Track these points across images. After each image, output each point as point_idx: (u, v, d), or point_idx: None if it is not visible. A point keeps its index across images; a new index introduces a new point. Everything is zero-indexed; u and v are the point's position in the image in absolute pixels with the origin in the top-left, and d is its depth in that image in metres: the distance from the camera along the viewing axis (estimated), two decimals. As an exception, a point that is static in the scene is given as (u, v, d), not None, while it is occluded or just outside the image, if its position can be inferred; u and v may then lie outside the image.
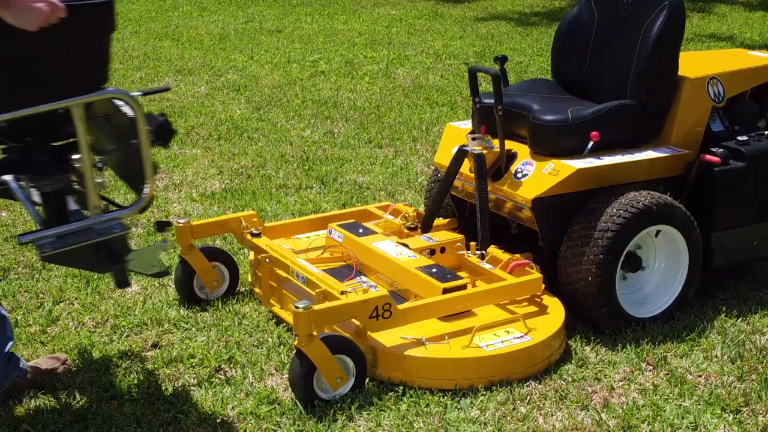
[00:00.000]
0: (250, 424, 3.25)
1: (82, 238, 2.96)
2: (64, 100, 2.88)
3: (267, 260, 3.99)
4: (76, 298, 4.20)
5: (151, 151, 3.01)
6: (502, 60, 4.53)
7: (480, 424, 3.26)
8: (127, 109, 3.05)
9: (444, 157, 4.35)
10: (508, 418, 3.30)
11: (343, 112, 7.38)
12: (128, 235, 3.11)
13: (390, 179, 5.82)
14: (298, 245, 4.32)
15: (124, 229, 3.04)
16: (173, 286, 4.21)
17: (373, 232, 4.24)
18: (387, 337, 3.51)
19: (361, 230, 4.25)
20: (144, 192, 3.03)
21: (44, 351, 3.72)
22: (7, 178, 3.22)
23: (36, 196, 3.20)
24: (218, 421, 3.27)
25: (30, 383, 3.47)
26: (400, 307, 3.52)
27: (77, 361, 3.66)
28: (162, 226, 3.24)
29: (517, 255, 3.97)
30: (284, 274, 3.99)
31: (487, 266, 3.93)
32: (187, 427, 3.23)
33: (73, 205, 3.20)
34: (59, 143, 3.13)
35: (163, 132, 3.09)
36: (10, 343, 3.39)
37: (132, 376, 3.56)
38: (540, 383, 3.51)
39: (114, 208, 3.12)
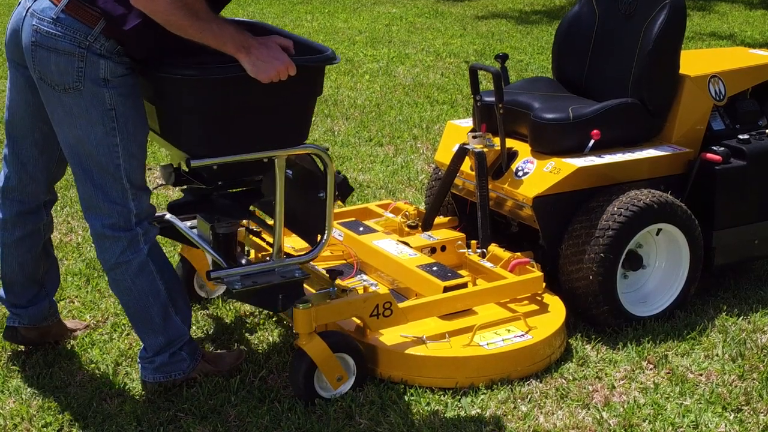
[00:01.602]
0: (250, 423, 3.25)
1: (266, 279, 3.25)
2: (274, 151, 3.16)
3: (268, 258, 3.98)
4: (77, 296, 4.20)
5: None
6: (502, 58, 4.53)
7: (481, 422, 3.26)
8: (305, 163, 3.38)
9: (444, 155, 4.34)
10: (509, 417, 3.30)
11: (344, 111, 7.37)
12: (305, 281, 3.38)
13: (390, 177, 5.81)
14: (299, 243, 4.31)
15: (304, 274, 3.30)
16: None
17: (373, 231, 4.23)
18: (387, 336, 3.51)
19: (361, 228, 4.24)
20: (322, 240, 3.31)
21: (44, 347, 3.71)
22: (169, 216, 3.59)
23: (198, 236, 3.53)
24: (218, 419, 3.26)
25: (56, 335, 3.73)
26: (401, 305, 3.52)
27: (77, 360, 3.65)
28: (334, 275, 3.48)
29: (518, 253, 3.96)
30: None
31: (488, 265, 3.93)
32: (187, 425, 3.23)
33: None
34: (237, 190, 3.45)
35: (344, 189, 3.44)
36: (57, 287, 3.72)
37: (132, 374, 3.55)
38: (541, 382, 3.51)
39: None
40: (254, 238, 3.91)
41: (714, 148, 4.10)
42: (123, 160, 3.12)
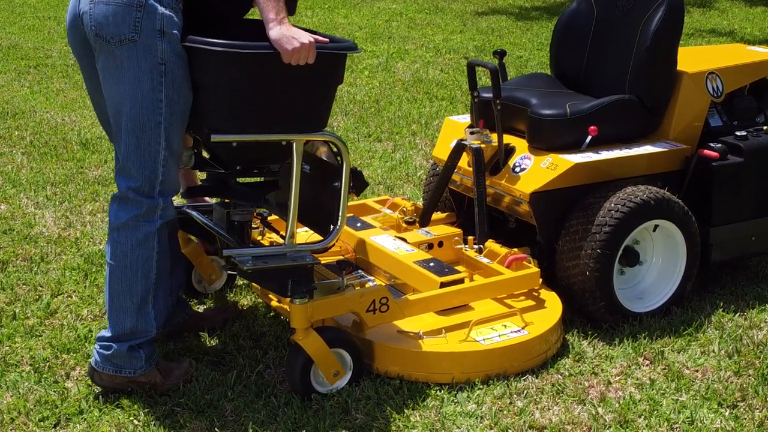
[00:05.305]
0: (246, 418, 3.25)
1: (277, 261, 3.29)
2: (294, 134, 3.22)
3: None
4: (74, 291, 4.20)
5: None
6: (500, 54, 4.53)
7: (477, 417, 3.27)
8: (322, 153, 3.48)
9: (442, 151, 4.35)
10: (505, 412, 3.30)
11: (343, 106, 7.38)
12: (316, 267, 3.41)
13: (389, 173, 5.82)
14: (297, 239, 4.31)
15: (315, 260, 3.34)
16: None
17: (371, 226, 4.24)
18: (384, 331, 3.51)
19: (359, 224, 4.25)
20: (335, 230, 3.37)
21: (41, 343, 3.72)
22: (186, 208, 3.69)
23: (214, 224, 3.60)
24: (215, 413, 3.27)
25: (193, 327, 3.78)
26: (398, 300, 3.52)
27: (74, 354, 3.66)
28: (343, 265, 3.59)
29: (515, 249, 3.97)
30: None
31: (485, 260, 3.93)
32: (184, 420, 3.23)
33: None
34: (253, 180, 3.54)
35: (359, 182, 3.49)
36: (180, 286, 3.71)
37: (129, 369, 3.56)
38: (537, 377, 3.52)
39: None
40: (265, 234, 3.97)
41: (711, 144, 4.10)
42: (164, 118, 3.13)
